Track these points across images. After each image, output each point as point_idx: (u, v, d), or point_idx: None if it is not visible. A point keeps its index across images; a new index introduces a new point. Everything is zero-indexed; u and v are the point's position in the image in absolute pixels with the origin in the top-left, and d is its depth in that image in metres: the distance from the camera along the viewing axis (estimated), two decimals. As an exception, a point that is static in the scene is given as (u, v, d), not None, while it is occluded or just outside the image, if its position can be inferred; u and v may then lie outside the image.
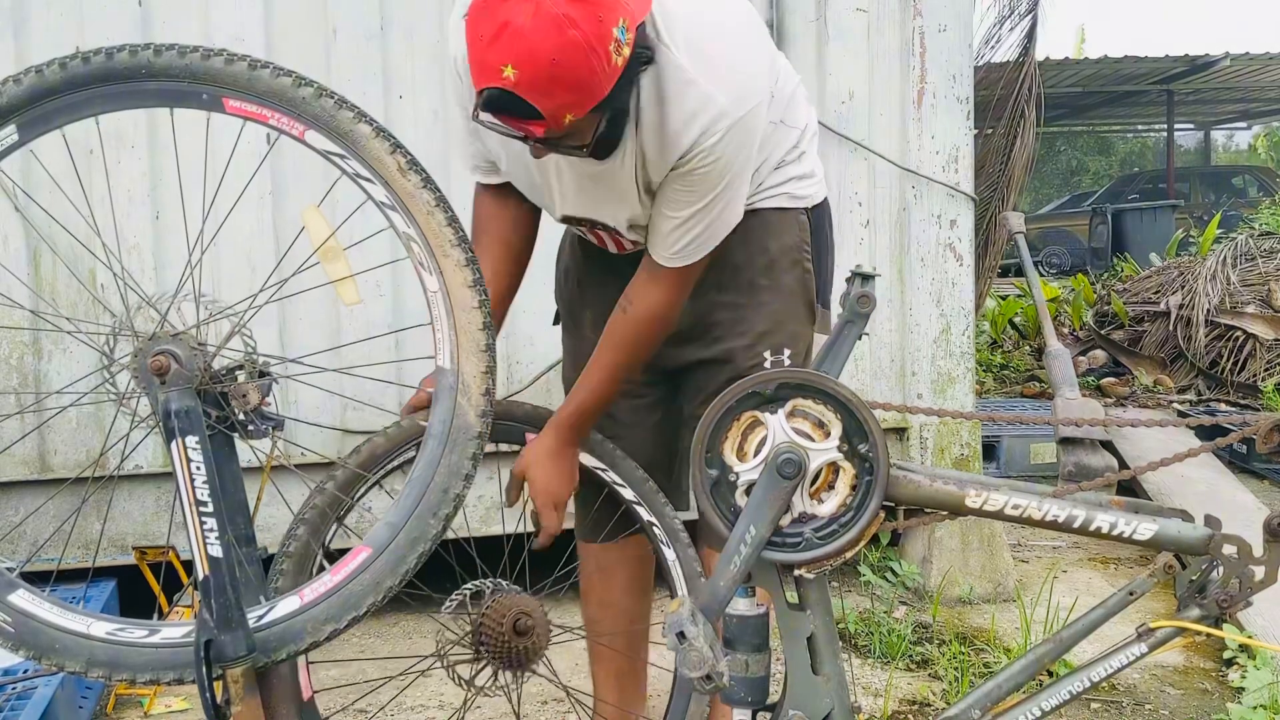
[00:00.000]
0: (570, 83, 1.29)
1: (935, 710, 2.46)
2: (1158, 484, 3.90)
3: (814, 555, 1.44)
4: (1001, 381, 6.62)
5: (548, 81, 1.28)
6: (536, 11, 1.25)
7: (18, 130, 1.37)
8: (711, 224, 1.60)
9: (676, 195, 1.57)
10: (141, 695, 2.49)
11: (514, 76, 1.27)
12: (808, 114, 1.82)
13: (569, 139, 1.41)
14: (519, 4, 1.26)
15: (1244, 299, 5.89)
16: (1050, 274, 13.38)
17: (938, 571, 3.22)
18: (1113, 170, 25.70)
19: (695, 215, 1.58)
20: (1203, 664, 2.74)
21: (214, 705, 1.33)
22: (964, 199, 3.25)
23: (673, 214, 1.58)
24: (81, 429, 2.74)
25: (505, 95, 1.29)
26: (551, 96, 1.29)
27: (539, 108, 1.29)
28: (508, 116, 1.33)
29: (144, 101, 1.38)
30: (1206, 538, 1.45)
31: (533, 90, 1.28)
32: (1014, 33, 5.60)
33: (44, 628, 1.38)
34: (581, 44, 1.27)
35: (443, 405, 1.41)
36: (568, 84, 1.29)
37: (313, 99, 1.36)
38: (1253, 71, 13.34)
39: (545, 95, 1.29)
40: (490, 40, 1.27)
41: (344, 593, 1.39)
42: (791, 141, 1.78)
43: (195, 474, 1.33)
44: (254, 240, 2.77)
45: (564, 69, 1.27)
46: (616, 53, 1.31)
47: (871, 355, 3.23)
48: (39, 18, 2.67)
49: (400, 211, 1.39)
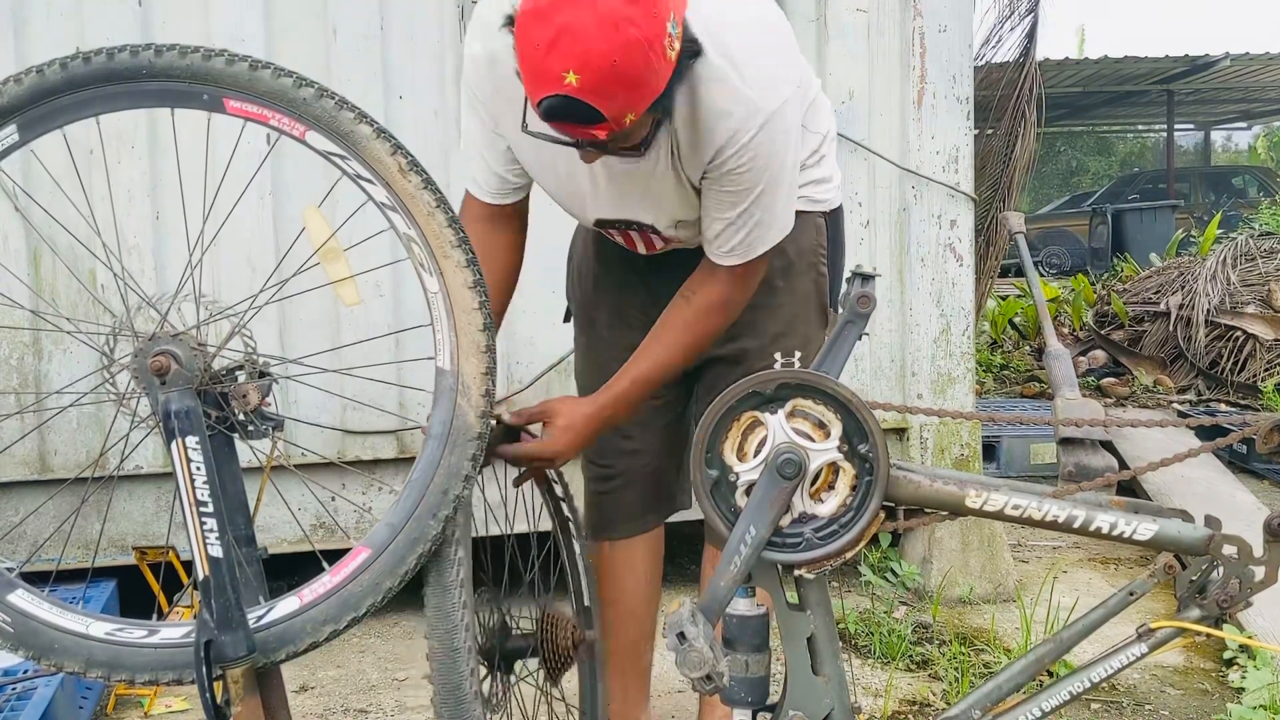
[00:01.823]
0: (631, 82, 1.28)
1: (935, 710, 2.46)
2: (1158, 484, 3.90)
3: (814, 555, 1.44)
4: (1001, 381, 6.62)
5: (610, 83, 1.27)
6: (594, 14, 1.24)
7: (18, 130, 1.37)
8: (759, 223, 1.60)
9: (720, 197, 1.58)
10: (141, 695, 2.49)
11: (576, 81, 1.26)
12: (829, 120, 1.85)
13: (624, 140, 1.40)
14: (575, 8, 1.25)
15: (1244, 299, 5.89)
16: (1050, 274, 13.37)
17: (938, 572, 3.22)
18: (1113, 170, 25.69)
19: (741, 216, 1.58)
20: (1203, 664, 2.74)
21: (214, 705, 1.33)
22: (964, 199, 3.25)
23: (719, 215, 1.60)
24: (81, 429, 2.74)
25: (567, 101, 1.28)
26: (614, 98, 1.28)
27: (602, 110, 1.29)
28: (568, 123, 1.32)
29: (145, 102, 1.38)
30: (1206, 538, 1.45)
31: (596, 93, 1.27)
32: (1014, 33, 5.59)
33: (43, 628, 1.38)
34: (641, 42, 1.26)
35: (442, 406, 1.41)
36: (629, 83, 1.28)
37: (313, 100, 1.36)
38: (1253, 71, 13.34)
39: (608, 97, 1.28)
40: (548, 46, 1.26)
41: (343, 594, 1.39)
42: (813, 146, 1.80)
43: (195, 474, 1.33)
44: (254, 241, 2.77)
45: (625, 69, 1.26)
46: (670, 48, 1.31)
47: (871, 355, 3.23)
48: (39, 18, 2.67)
49: (401, 212, 1.39)
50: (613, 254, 1.91)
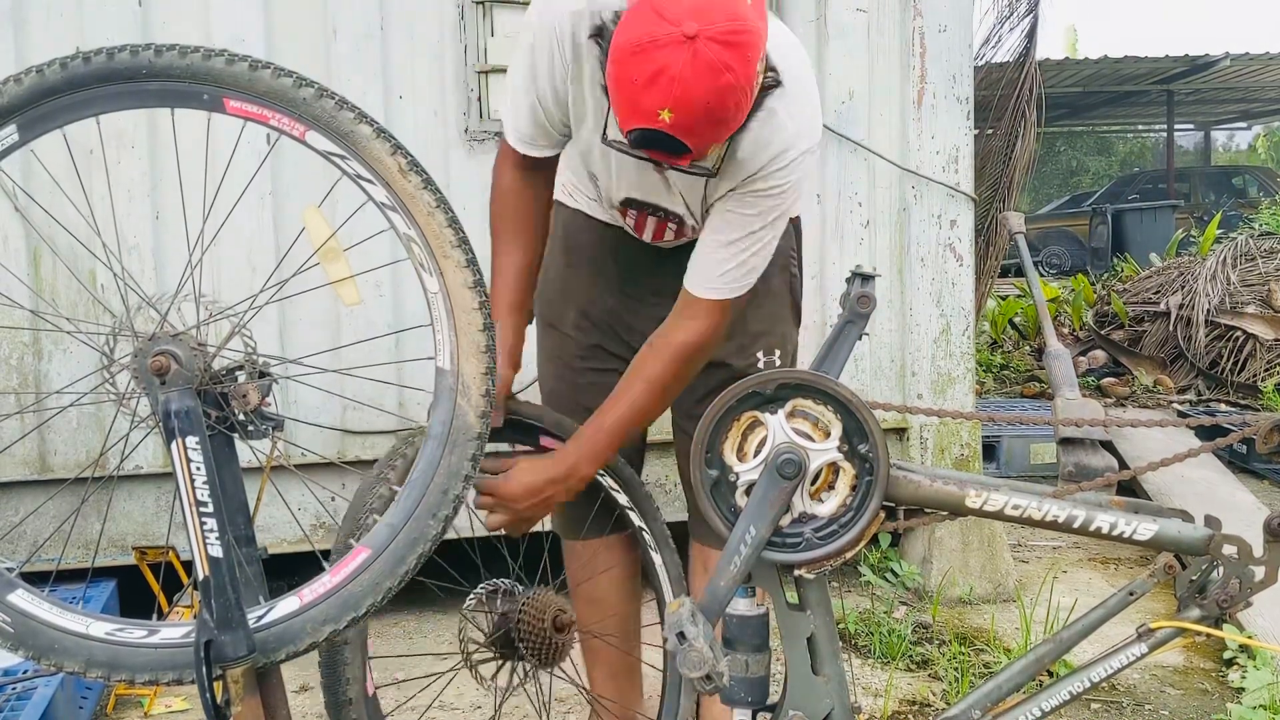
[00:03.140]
0: (721, 121, 1.36)
1: (935, 710, 2.46)
2: (1158, 484, 3.90)
3: (814, 555, 1.44)
4: (1001, 381, 6.62)
5: (703, 123, 1.34)
6: (694, 59, 1.29)
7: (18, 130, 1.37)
8: (756, 254, 1.62)
9: (729, 218, 1.60)
10: (141, 695, 2.49)
11: (669, 120, 1.32)
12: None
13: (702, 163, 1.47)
14: (676, 50, 1.29)
15: (1244, 299, 5.89)
16: (1050, 274, 13.37)
17: (938, 572, 3.22)
18: (1113, 170, 25.68)
19: (744, 239, 1.60)
20: (1203, 664, 2.74)
21: (214, 706, 1.33)
22: (964, 199, 3.25)
23: (722, 238, 1.61)
24: (82, 429, 2.74)
25: (659, 135, 1.34)
26: (703, 136, 1.36)
27: (690, 145, 1.36)
28: (655, 152, 1.39)
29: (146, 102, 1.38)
30: (1206, 538, 1.45)
31: (687, 131, 1.34)
32: (1014, 33, 5.59)
33: (43, 628, 1.38)
34: (735, 87, 1.33)
35: (442, 407, 1.41)
36: (718, 123, 1.36)
37: (313, 100, 1.36)
38: (1253, 71, 13.34)
39: (697, 136, 1.35)
40: (646, 84, 1.31)
41: (343, 594, 1.39)
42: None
43: (195, 474, 1.33)
44: (254, 240, 2.77)
45: (718, 111, 1.34)
46: (756, 87, 1.39)
47: (871, 355, 3.23)
48: (39, 18, 2.67)
49: (401, 213, 1.39)
50: (584, 252, 1.91)
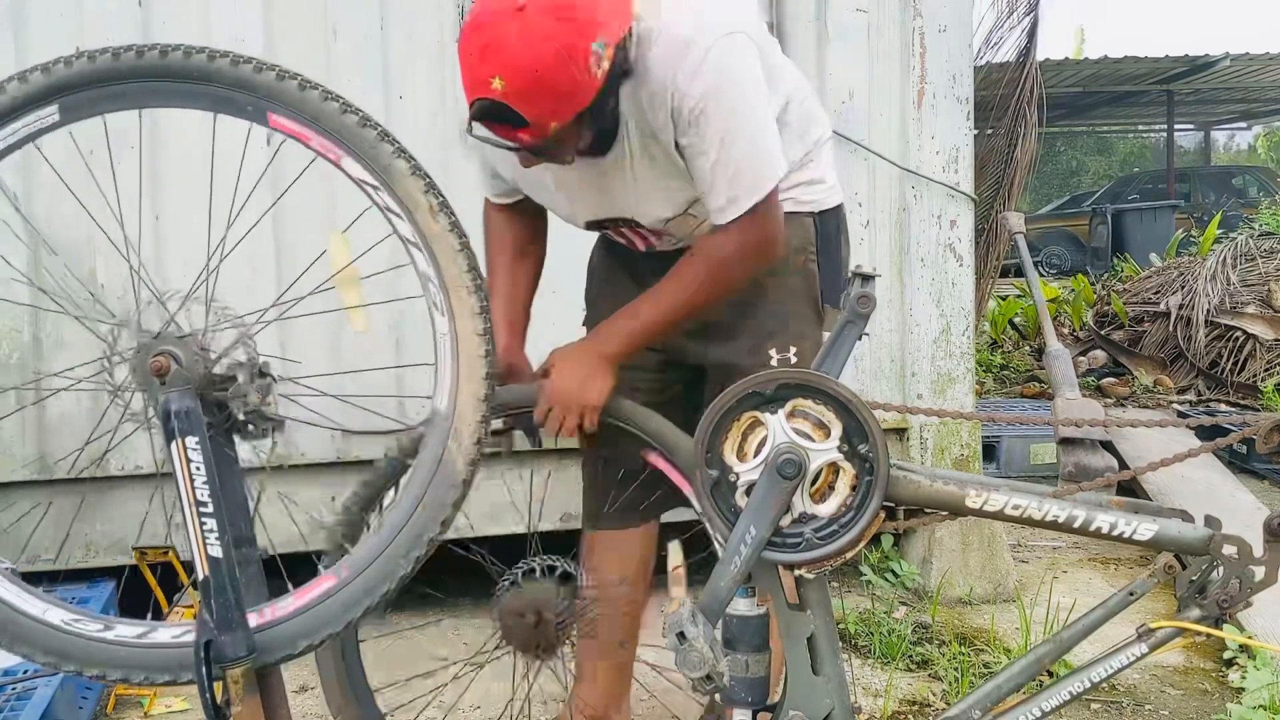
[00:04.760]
0: (553, 91, 1.42)
1: (935, 710, 2.46)
2: (1158, 484, 3.90)
3: (814, 555, 1.44)
4: (1001, 381, 6.62)
5: (533, 90, 1.41)
6: (522, 28, 1.39)
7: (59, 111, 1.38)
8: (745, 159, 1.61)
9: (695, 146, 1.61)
10: (141, 695, 2.49)
11: (501, 87, 1.41)
12: (821, 128, 1.90)
13: (555, 148, 1.53)
14: (505, 23, 1.40)
15: (1244, 299, 5.89)
16: (1050, 274, 13.37)
17: (938, 572, 3.22)
18: (1113, 170, 25.69)
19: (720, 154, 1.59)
20: (1203, 664, 2.74)
21: (214, 706, 1.33)
22: (964, 199, 3.25)
23: (704, 164, 1.61)
24: (82, 430, 2.73)
25: (494, 105, 1.42)
26: (536, 105, 1.43)
27: (525, 115, 1.43)
28: (498, 125, 1.47)
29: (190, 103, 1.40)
30: (1206, 538, 1.45)
31: (519, 99, 1.41)
32: (1014, 33, 5.59)
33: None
34: (563, 56, 1.40)
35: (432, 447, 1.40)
36: (551, 92, 1.42)
37: (356, 128, 1.37)
38: (1253, 71, 13.34)
39: (530, 103, 1.42)
40: (480, 56, 1.42)
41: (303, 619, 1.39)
42: (800, 153, 1.84)
43: (195, 474, 1.33)
44: (254, 240, 2.76)
45: (546, 79, 1.41)
46: (596, 66, 1.44)
47: (871, 355, 3.23)
48: (39, 17, 2.67)
49: (424, 251, 1.39)
50: (616, 256, 1.96)
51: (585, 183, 1.73)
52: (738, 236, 1.66)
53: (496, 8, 1.41)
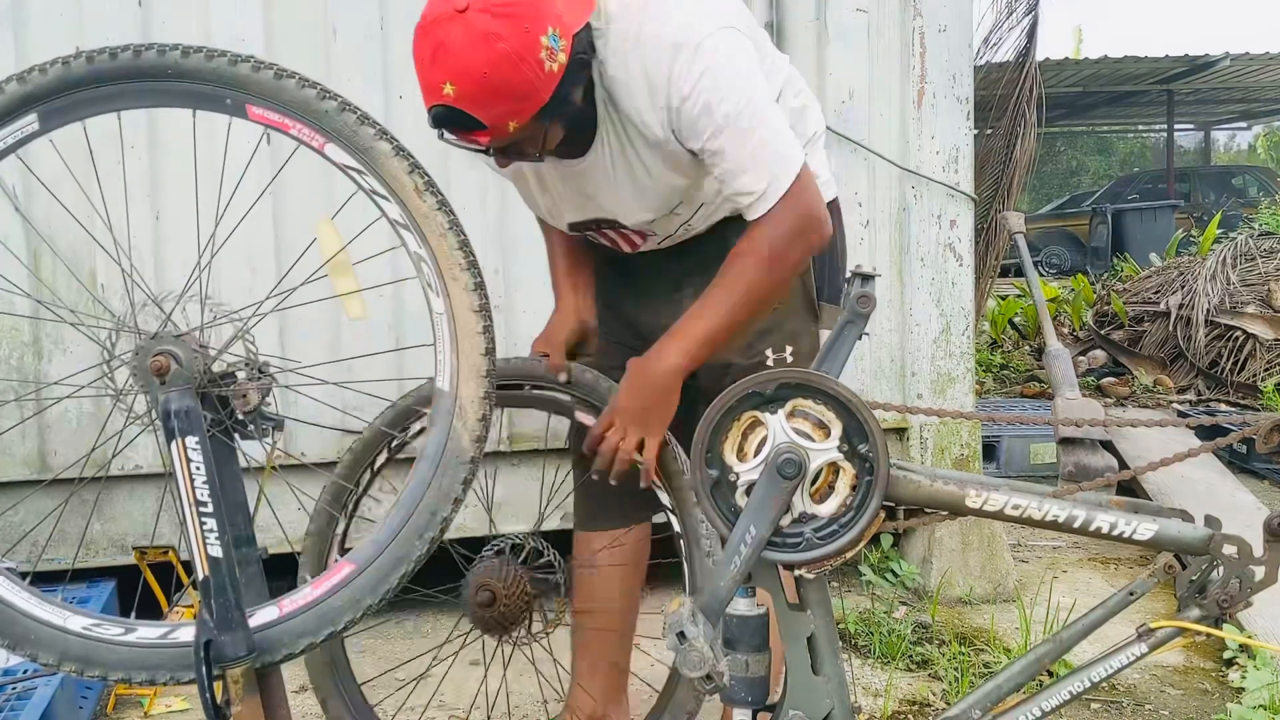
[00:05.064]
0: (506, 92, 1.39)
1: (935, 710, 2.46)
2: (1158, 484, 3.90)
3: (814, 555, 1.44)
4: (1001, 381, 6.61)
5: (484, 93, 1.38)
6: (465, 31, 1.35)
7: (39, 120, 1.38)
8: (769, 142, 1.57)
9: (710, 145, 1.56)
10: (141, 695, 2.49)
11: (453, 92, 1.38)
12: (814, 125, 1.87)
13: (523, 146, 1.51)
14: (449, 26, 1.36)
15: (1244, 299, 5.88)
16: (1050, 274, 13.38)
17: (937, 572, 3.22)
18: (1113, 170, 25.68)
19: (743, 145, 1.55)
20: (1203, 664, 2.74)
21: (214, 706, 1.33)
22: (964, 199, 3.25)
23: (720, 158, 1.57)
24: (82, 430, 2.73)
25: (449, 110, 1.40)
26: (490, 107, 1.40)
27: (480, 118, 1.40)
28: (457, 130, 1.44)
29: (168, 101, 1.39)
30: (1206, 538, 1.45)
31: (472, 103, 1.39)
32: (1014, 33, 5.59)
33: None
34: (510, 55, 1.37)
35: (438, 428, 1.40)
36: (504, 94, 1.39)
37: (335, 113, 1.37)
38: (1253, 71, 13.34)
39: (484, 106, 1.39)
40: (430, 61, 1.39)
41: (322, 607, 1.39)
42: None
43: (195, 474, 1.33)
44: (253, 239, 2.76)
45: (497, 80, 1.38)
46: (550, 60, 1.41)
47: (871, 355, 3.23)
48: (39, 17, 2.67)
49: (414, 231, 1.40)
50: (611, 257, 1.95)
51: (567, 184, 1.73)
52: (787, 217, 1.59)
53: (440, 10, 1.38)
